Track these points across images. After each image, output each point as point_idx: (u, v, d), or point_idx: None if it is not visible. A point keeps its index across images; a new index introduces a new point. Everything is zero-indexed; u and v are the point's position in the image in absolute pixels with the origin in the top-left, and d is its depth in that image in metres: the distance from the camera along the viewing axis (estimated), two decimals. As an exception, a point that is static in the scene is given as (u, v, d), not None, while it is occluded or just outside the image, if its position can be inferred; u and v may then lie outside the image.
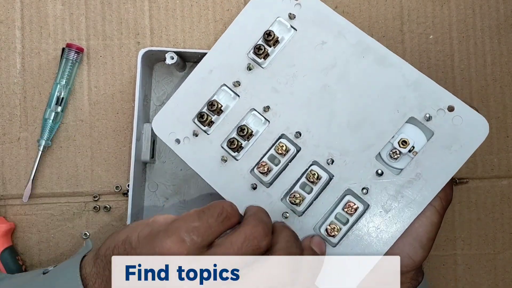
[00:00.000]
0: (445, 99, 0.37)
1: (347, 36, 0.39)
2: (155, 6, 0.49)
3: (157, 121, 0.41)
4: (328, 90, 0.39)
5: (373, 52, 0.38)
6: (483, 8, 0.49)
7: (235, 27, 0.40)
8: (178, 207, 0.49)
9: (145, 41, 0.49)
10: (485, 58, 0.49)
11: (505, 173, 0.50)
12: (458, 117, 0.36)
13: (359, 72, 0.38)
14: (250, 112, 0.39)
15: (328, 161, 0.38)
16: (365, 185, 0.37)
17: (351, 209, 0.37)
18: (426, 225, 0.37)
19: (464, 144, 0.36)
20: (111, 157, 0.49)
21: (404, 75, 0.38)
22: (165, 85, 0.49)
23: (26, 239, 0.49)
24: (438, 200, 0.37)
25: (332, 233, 0.37)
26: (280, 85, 0.39)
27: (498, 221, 0.50)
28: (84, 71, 0.49)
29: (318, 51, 0.39)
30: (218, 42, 0.41)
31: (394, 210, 0.37)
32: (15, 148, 0.49)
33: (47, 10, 0.49)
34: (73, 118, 0.49)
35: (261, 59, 0.39)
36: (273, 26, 0.40)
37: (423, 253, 0.37)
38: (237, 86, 0.40)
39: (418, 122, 0.37)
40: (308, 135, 0.38)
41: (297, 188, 0.38)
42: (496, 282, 0.50)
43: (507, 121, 0.49)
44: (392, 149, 0.37)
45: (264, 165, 0.38)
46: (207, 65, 0.40)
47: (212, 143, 0.40)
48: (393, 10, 0.49)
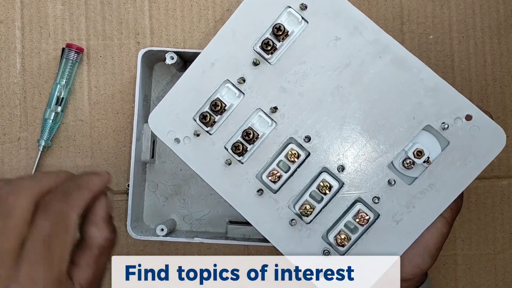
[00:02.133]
0: (464, 107, 0.35)
1: (363, 33, 0.36)
2: (155, 6, 0.49)
3: (154, 117, 0.38)
4: (340, 92, 0.36)
5: (391, 53, 0.36)
6: (483, 8, 0.49)
7: (240, 14, 0.37)
8: (178, 207, 0.49)
9: (145, 41, 0.49)
10: (485, 58, 0.49)
11: (505, 173, 0.50)
12: (475, 126, 0.35)
13: (374, 74, 0.36)
14: (256, 112, 0.37)
15: (338, 168, 0.36)
16: (376, 194, 0.36)
17: (363, 219, 0.36)
18: (436, 237, 0.37)
19: (480, 156, 0.35)
20: (111, 157, 0.49)
21: (422, 79, 0.36)
22: (165, 85, 0.49)
23: (26, 239, 0.49)
24: (449, 211, 0.37)
25: (341, 242, 0.36)
26: (289, 84, 0.36)
27: (498, 221, 0.50)
28: (84, 71, 0.49)
29: (331, 48, 0.36)
30: (221, 31, 0.37)
31: (405, 220, 0.36)
32: (15, 148, 0.49)
33: (47, 10, 0.49)
34: (73, 118, 0.49)
35: (268, 55, 0.36)
36: (282, 16, 0.36)
37: (431, 262, 0.37)
38: (241, 83, 0.37)
39: (434, 131, 0.36)
40: (318, 140, 0.36)
41: (307, 198, 0.36)
42: (496, 282, 0.50)
43: (507, 121, 0.49)
44: (406, 159, 0.36)
45: (275, 173, 0.36)
46: (209, 56, 0.37)
47: (215, 145, 0.37)
48: (393, 10, 0.49)
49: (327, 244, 0.37)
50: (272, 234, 0.37)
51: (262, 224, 0.37)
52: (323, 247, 0.37)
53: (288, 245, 0.37)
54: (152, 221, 0.49)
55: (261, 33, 0.36)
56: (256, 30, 0.36)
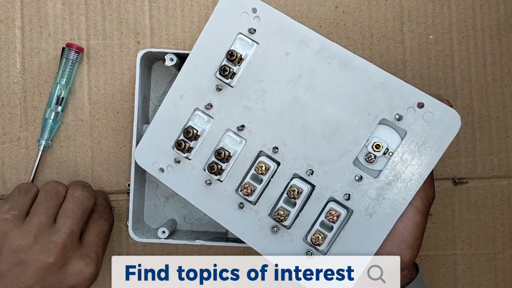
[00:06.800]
0: (414, 96, 0.36)
1: (309, 44, 0.38)
2: (155, 5, 0.49)
3: (139, 152, 0.41)
4: (298, 102, 0.38)
5: (337, 57, 0.38)
6: (483, 8, 0.49)
7: (198, 48, 0.40)
8: (178, 207, 0.49)
9: (145, 41, 0.49)
10: (485, 58, 0.49)
11: (505, 173, 0.50)
12: (429, 113, 0.36)
13: (325, 80, 0.38)
14: (225, 133, 0.39)
15: (307, 172, 0.38)
16: (347, 191, 0.37)
17: (333, 216, 0.37)
18: (410, 226, 0.37)
19: (438, 140, 0.36)
20: (111, 157, 0.49)
21: (370, 77, 0.37)
22: (164, 84, 0.49)
23: (26, 239, 0.49)
24: (419, 200, 0.37)
25: (316, 242, 0.37)
26: (251, 102, 0.39)
27: (498, 221, 0.50)
28: (84, 71, 0.49)
29: (283, 63, 0.38)
30: (185, 66, 0.40)
31: (378, 213, 0.37)
32: (15, 148, 0.49)
33: (47, 9, 0.49)
34: (73, 118, 0.49)
35: (228, 79, 0.39)
36: (235, 43, 0.39)
37: (412, 253, 0.38)
38: (209, 109, 0.39)
39: (390, 123, 0.37)
40: (285, 149, 0.38)
41: (281, 204, 0.38)
42: (496, 282, 0.50)
43: (507, 121, 0.49)
44: (367, 153, 0.37)
45: (247, 187, 0.38)
46: (178, 90, 0.40)
47: (195, 168, 0.40)
48: (393, 10, 0.49)
49: (309, 246, 0.38)
50: (257, 243, 0.39)
51: (247, 235, 0.39)
52: (306, 249, 0.38)
53: (273, 252, 0.38)
54: (152, 221, 0.49)
55: (219, 61, 0.39)
56: (214, 59, 0.39)
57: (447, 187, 0.49)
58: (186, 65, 0.40)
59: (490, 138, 0.49)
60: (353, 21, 0.49)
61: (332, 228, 0.37)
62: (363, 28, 0.49)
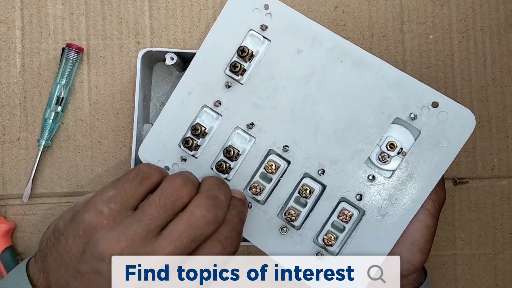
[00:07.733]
0: (428, 95, 0.36)
1: (322, 42, 0.38)
2: (155, 6, 0.49)
3: (143, 150, 0.40)
4: (310, 100, 0.38)
5: (351, 56, 0.37)
6: (483, 8, 0.49)
7: (208, 44, 0.39)
8: (178, 207, 0.49)
9: (145, 41, 0.49)
10: (485, 58, 0.49)
11: (505, 173, 0.50)
12: (443, 112, 0.36)
13: (338, 78, 0.37)
14: (234, 131, 0.39)
15: (319, 172, 0.38)
16: (359, 192, 0.37)
17: (346, 216, 0.37)
18: (421, 229, 0.37)
19: (452, 140, 0.36)
20: (111, 157, 0.49)
21: (384, 76, 0.37)
22: (164, 85, 0.49)
23: (26, 239, 0.49)
24: (430, 202, 0.37)
25: (329, 242, 0.37)
26: (262, 100, 0.38)
27: (498, 221, 0.50)
28: (84, 71, 0.49)
29: (295, 61, 0.38)
30: (193, 62, 0.39)
31: (390, 213, 0.36)
32: (15, 148, 0.49)
33: (47, 10, 0.49)
34: (73, 118, 0.49)
35: (238, 76, 0.38)
36: (246, 40, 0.38)
37: (422, 256, 0.37)
38: (218, 106, 0.39)
39: (404, 122, 0.37)
40: (296, 148, 0.38)
41: (292, 204, 0.38)
42: (496, 282, 0.50)
43: (507, 121, 0.49)
44: (381, 153, 0.37)
45: (256, 186, 0.38)
46: (185, 86, 0.39)
47: (202, 167, 0.39)
48: (393, 10, 0.49)
49: (319, 247, 0.38)
50: (266, 245, 0.38)
51: (255, 236, 0.38)
52: (316, 250, 0.38)
53: (282, 253, 0.38)
54: (152, 221, 0.48)
55: (229, 57, 0.39)
56: (224, 55, 0.39)
57: (447, 187, 0.49)
58: (194, 62, 0.39)
59: (490, 138, 0.49)
60: (353, 21, 0.49)
61: (343, 229, 0.37)
62: (363, 28, 0.49)
